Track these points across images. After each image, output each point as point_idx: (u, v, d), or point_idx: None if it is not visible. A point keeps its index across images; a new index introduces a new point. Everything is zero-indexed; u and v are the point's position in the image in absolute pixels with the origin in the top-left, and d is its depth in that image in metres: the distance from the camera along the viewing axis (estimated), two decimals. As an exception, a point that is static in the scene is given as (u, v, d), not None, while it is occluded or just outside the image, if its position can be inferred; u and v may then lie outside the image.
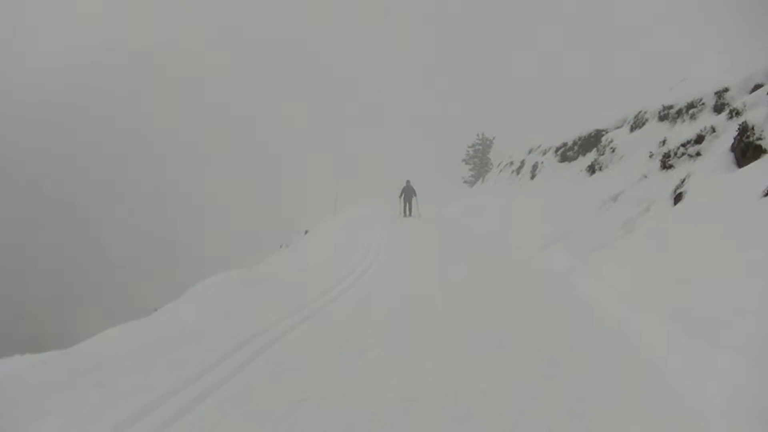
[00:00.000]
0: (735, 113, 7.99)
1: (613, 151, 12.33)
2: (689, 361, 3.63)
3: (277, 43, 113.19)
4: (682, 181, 7.61)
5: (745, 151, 6.75)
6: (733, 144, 7.11)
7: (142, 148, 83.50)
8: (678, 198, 7.36)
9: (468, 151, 41.64)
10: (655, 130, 10.99)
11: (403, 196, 20.32)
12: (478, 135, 41.18)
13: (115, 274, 56.56)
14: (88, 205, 69.95)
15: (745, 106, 7.88)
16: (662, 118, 11.13)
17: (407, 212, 20.16)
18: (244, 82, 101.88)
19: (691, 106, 10.04)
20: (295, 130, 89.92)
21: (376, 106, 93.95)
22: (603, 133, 14.61)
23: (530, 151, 22.80)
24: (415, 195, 20.33)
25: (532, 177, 19.38)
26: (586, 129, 16.12)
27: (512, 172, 23.58)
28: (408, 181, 20.44)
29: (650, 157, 9.89)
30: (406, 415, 3.04)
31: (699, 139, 8.39)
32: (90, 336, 5.90)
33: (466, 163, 41.77)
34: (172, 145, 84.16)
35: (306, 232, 22.90)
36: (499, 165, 29.79)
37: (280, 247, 20.73)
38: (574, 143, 16.54)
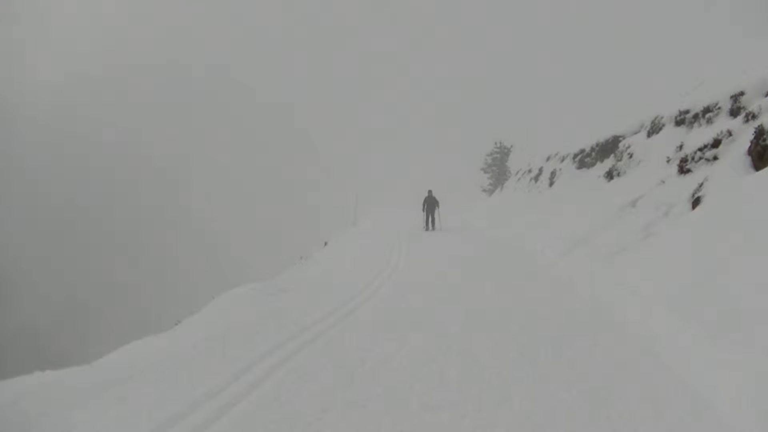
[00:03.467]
0: (751, 116, 8.07)
1: (631, 156, 12.41)
2: (711, 364, 3.69)
3: (299, 43, 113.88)
4: (700, 185, 7.70)
5: (761, 154, 6.84)
6: (749, 147, 7.20)
7: (167, 159, 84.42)
8: (696, 202, 7.46)
9: (486, 160, 41.72)
10: (671, 134, 11.07)
11: (425, 208, 19.55)
12: (496, 143, 41.27)
13: (138, 288, 57.07)
14: (109, 217, 70.78)
15: (760, 109, 7.96)
16: (679, 122, 11.21)
17: (430, 225, 19.42)
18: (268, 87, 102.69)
19: (707, 110, 10.11)
20: (318, 133, 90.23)
21: (401, 107, 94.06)
22: (620, 138, 14.67)
23: (548, 158, 22.86)
24: (438, 205, 19.65)
25: (551, 184, 19.45)
26: (603, 135, 16.19)
27: (531, 179, 23.65)
28: (430, 191, 19.59)
29: (668, 161, 9.97)
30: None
31: (716, 143, 8.48)
32: (111, 350, 6.03)
33: (485, 172, 41.83)
34: (196, 156, 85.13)
35: (325, 243, 23.20)
36: (517, 173, 29.83)
37: (300, 258, 20.96)
38: (592, 149, 16.61)
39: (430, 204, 19.41)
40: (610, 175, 13.03)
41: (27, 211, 65.84)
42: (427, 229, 19.18)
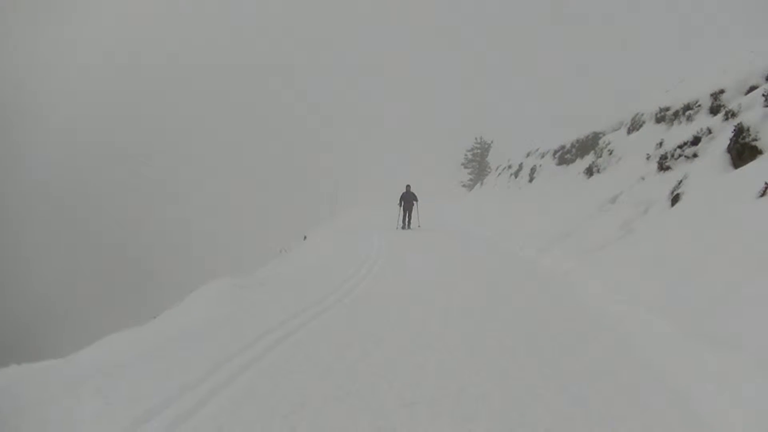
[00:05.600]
0: (731, 115, 8.08)
1: (611, 153, 12.41)
2: (686, 358, 3.70)
3: (276, 43, 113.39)
4: (680, 183, 7.68)
5: (741, 152, 6.82)
6: (729, 145, 7.18)
7: (152, 154, 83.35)
8: (675, 199, 7.42)
9: (466, 155, 41.77)
10: (652, 132, 11.08)
11: (402, 204, 17.56)
12: (476, 139, 41.34)
13: (115, 282, 56.27)
14: (92, 211, 69.66)
15: (740, 107, 7.97)
16: (659, 120, 11.22)
17: (407, 223, 17.47)
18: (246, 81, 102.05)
19: (687, 107, 10.13)
20: (296, 130, 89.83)
21: (376, 106, 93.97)
22: (600, 135, 14.71)
23: (528, 154, 22.93)
24: (416, 201, 17.63)
25: (531, 180, 19.48)
26: (583, 131, 16.22)
27: (511, 175, 23.69)
28: (408, 187, 17.54)
29: (648, 158, 9.96)
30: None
31: (696, 141, 8.47)
32: (88, 344, 5.86)
33: (465, 167, 41.87)
34: (171, 151, 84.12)
35: (305, 237, 22.96)
36: (497, 168, 29.90)
37: (280, 252, 20.66)
38: (572, 146, 16.64)
39: (408, 200, 17.49)
40: (590, 172, 13.03)
41: (22, 209, 64.40)
42: (403, 228, 17.39)
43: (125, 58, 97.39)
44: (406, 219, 17.48)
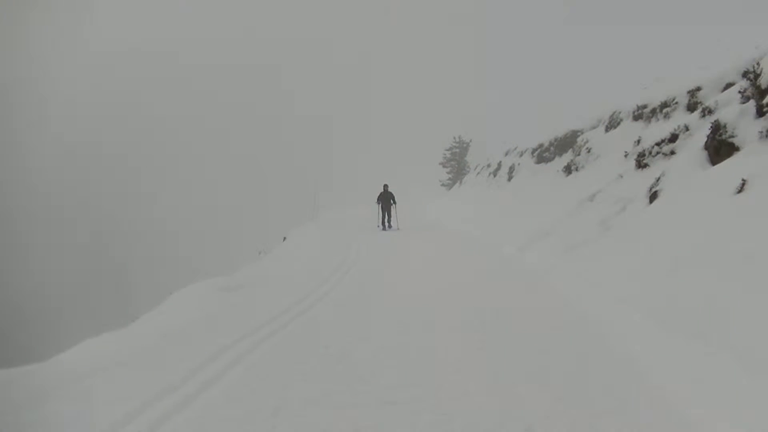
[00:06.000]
0: (708, 111, 8.08)
1: (589, 151, 12.41)
2: (660, 351, 3.73)
3: (250, 43, 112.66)
4: (657, 180, 7.65)
5: (718, 148, 6.80)
6: (706, 142, 7.16)
7: (134, 153, 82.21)
8: (653, 196, 7.39)
9: (445, 154, 41.71)
10: (629, 129, 11.10)
11: (380, 204, 17.12)
12: (454, 138, 41.32)
13: (95, 285, 55.27)
14: (75, 212, 68.42)
15: (717, 104, 7.97)
16: (637, 117, 11.24)
17: (386, 224, 17.04)
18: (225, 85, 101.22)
19: (664, 105, 10.15)
20: (277, 129, 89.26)
21: (359, 108, 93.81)
22: (579, 133, 14.73)
23: (507, 153, 22.96)
24: (394, 202, 17.13)
25: (509, 179, 19.49)
26: (561, 130, 16.25)
27: (489, 174, 23.71)
28: (386, 186, 17.16)
29: (625, 156, 9.95)
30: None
31: (673, 138, 8.46)
32: (68, 348, 5.69)
33: (444, 167, 41.84)
34: (158, 153, 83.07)
35: (284, 239, 22.64)
36: (476, 167, 29.92)
37: (259, 253, 20.34)
38: (551, 144, 16.67)
39: (386, 200, 17.07)
40: (568, 170, 13.02)
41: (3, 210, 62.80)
42: (384, 228, 16.94)
43: (117, 59, 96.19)
44: (386, 219, 17.05)
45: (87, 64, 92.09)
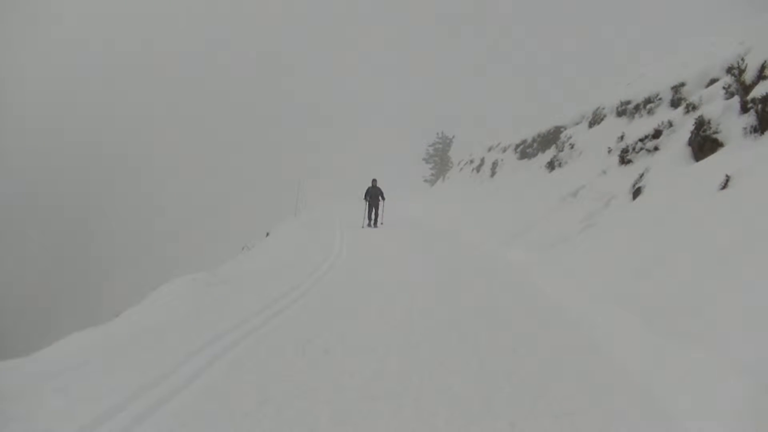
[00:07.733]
0: (692, 108, 8.02)
1: (572, 147, 12.35)
2: (642, 350, 3.66)
3: (246, 44, 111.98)
4: (641, 176, 7.59)
5: (702, 144, 6.75)
6: (690, 138, 7.11)
7: (122, 149, 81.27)
8: (637, 192, 7.33)
9: (428, 150, 41.67)
10: (613, 125, 11.05)
11: (368, 199, 16.34)
12: (437, 134, 41.28)
13: (75, 281, 54.53)
14: (60, 209, 67.35)
15: (701, 100, 7.92)
16: (620, 113, 11.19)
17: (372, 221, 16.23)
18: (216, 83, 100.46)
19: (648, 101, 10.11)
20: (266, 127, 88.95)
21: (350, 106, 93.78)
22: (562, 129, 14.68)
23: (490, 149, 22.89)
24: (382, 198, 16.38)
25: (492, 175, 19.42)
26: (545, 125, 16.19)
27: (472, 170, 23.62)
28: (374, 181, 16.40)
29: (609, 152, 9.89)
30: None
31: (657, 134, 8.40)
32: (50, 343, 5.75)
33: (427, 162, 41.77)
34: (142, 152, 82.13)
35: (267, 234, 22.35)
36: (459, 163, 29.85)
37: (242, 249, 20.06)
38: (534, 140, 16.61)
39: (374, 196, 16.27)
40: (551, 166, 12.96)
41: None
42: (370, 225, 16.17)
43: (101, 58, 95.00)
44: (372, 216, 16.28)
45: (52, 54, 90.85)
